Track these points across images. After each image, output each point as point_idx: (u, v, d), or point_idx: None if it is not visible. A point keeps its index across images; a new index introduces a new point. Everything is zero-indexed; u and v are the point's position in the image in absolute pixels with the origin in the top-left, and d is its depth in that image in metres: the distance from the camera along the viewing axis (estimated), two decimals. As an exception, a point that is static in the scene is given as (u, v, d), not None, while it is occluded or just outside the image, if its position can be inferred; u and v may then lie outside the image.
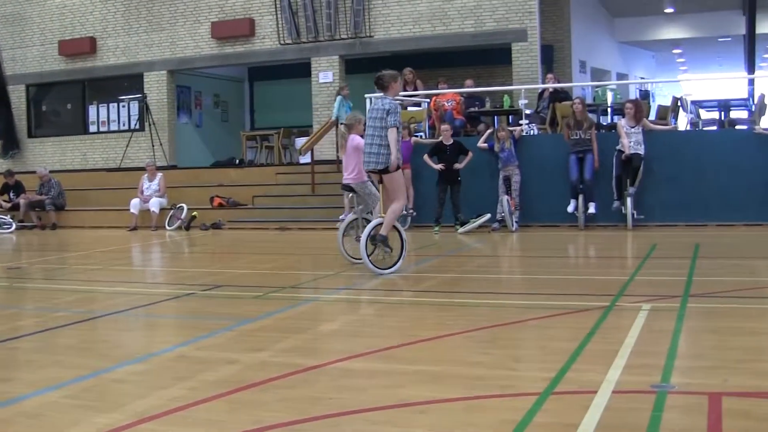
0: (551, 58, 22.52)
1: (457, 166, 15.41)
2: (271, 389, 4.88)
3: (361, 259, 9.89)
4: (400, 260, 9.95)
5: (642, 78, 31.32)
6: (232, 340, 6.40)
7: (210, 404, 4.59)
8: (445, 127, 15.89)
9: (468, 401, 4.54)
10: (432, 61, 21.94)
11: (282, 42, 21.90)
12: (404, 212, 15.89)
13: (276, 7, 21.83)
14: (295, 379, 5.08)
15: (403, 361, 5.60)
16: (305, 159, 19.78)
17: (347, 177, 10.82)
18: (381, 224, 9.87)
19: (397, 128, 9.70)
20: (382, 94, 10.16)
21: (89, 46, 23.87)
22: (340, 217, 16.57)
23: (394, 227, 9.92)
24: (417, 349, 5.88)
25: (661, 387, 4.63)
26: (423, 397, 4.60)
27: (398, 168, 9.82)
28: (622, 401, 4.46)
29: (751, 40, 25.24)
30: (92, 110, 24.67)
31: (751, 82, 23.49)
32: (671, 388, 4.63)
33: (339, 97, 19.06)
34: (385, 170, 9.79)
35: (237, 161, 22.86)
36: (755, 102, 18.18)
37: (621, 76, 29.10)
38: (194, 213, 18.37)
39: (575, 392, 4.62)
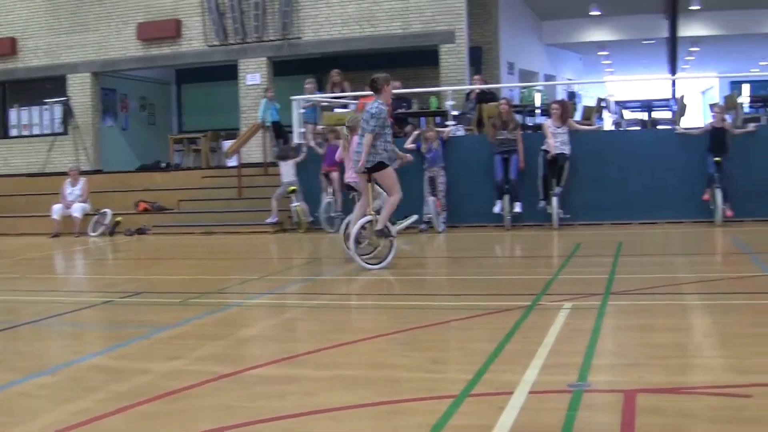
0: (479, 60, 22.64)
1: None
2: (184, 399, 4.75)
3: (365, 256, 10.20)
4: (389, 257, 10.18)
5: (569, 79, 31.68)
6: (148, 348, 6.25)
7: (119, 416, 4.44)
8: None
9: (384, 406, 4.47)
10: (360, 63, 21.87)
11: (209, 44, 21.65)
12: (334, 214, 15.87)
13: (203, 9, 21.58)
14: (210, 387, 4.96)
15: (321, 366, 5.51)
16: (232, 162, 19.58)
17: (349, 177, 11.23)
18: (370, 222, 10.18)
19: (377, 133, 9.99)
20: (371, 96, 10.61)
21: (10, 46, 23.26)
22: (267, 220, 16.45)
23: (385, 226, 10.18)
24: (336, 354, 5.80)
25: (577, 386, 4.62)
26: (339, 403, 4.53)
27: (387, 166, 10.17)
28: (539, 401, 4.44)
29: (673, 42, 25.76)
30: (13, 114, 24.10)
31: (674, 83, 23.95)
32: (587, 386, 4.63)
33: (264, 100, 18.94)
34: (374, 169, 10.07)
35: (164, 165, 22.52)
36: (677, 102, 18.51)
37: (549, 78, 29.40)
38: (118, 218, 18.04)
39: (492, 394, 4.59)
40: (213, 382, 5.05)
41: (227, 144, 21.02)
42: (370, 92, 17.57)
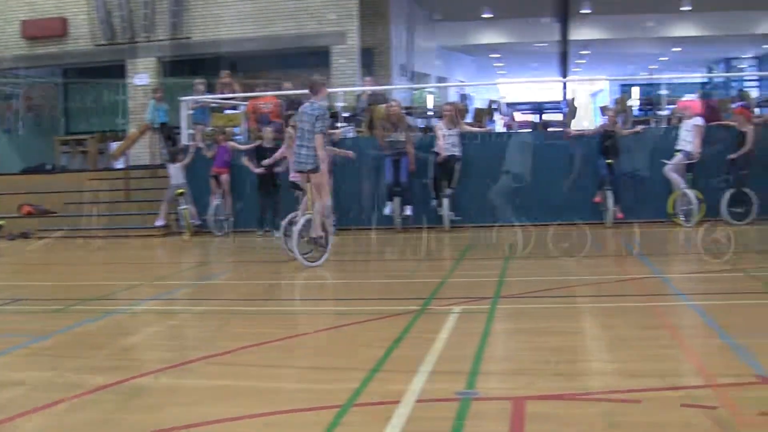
0: (371, 62, 22.60)
1: (278, 169, 15.12)
2: (57, 413, 4.52)
3: (304, 255, 10.36)
4: (324, 257, 10.53)
5: (461, 81, 31.95)
6: (24, 358, 5.96)
7: (-17, 434, 4.20)
8: (269, 129, 15.64)
9: (265, 417, 4.32)
10: (252, 64, 21.62)
11: (96, 43, 21.08)
12: (222, 217, 15.59)
13: (90, 6, 20.98)
14: (84, 400, 4.73)
15: (203, 375, 5.33)
16: (119, 164, 19.08)
17: (293, 176, 11.38)
18: (309, 220, 10.42)
19: (324, 134, 10.25)
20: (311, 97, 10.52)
21: None
22: (155, 223, 16.05)
23: (324, 233, 10.48)
24: (220, 362, 5.61)
25: (465, 394, 4.55)
26: (218, 415, 4.36)
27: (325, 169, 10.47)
28: (426, 410, 4.36)
29: (564, 46, 26.22)
30: None
31: (565, 86, 24.36)
32: (475, 394, 4.56)
33: (152, 101, 18.47)
34: (313, 170, 10.29)
35: (50, 167, 21.79)
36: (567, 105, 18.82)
37: (441, 80, 29.55)
38: (1, 222, 17.40)
39: (378, 403, 4.48)
40: (89, 395, 4.83)
41: (115, 146, 20.48)
42: (261, 94, 17.56)
